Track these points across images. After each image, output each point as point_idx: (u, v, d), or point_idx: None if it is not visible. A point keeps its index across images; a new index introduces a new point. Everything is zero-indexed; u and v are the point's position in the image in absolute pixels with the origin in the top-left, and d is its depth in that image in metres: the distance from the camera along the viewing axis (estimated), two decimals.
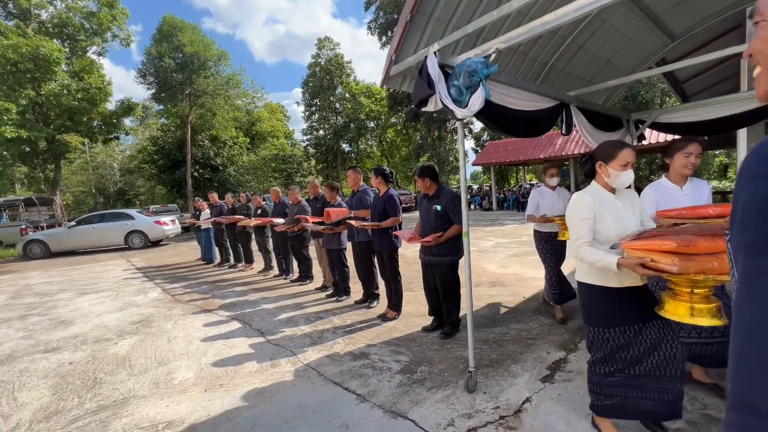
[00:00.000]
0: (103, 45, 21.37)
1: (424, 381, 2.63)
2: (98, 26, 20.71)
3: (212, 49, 23.31)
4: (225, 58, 24.14)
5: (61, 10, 20.22)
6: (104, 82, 20.06)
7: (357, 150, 34.75)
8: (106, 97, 20.35)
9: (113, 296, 5.85)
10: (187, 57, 22.30)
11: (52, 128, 18.70)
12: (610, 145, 1.82)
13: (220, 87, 23.90)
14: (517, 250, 7.68)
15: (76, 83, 18.91)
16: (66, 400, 2.68)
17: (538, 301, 4.29)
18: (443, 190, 3.35)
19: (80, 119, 19.25)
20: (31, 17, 19.50)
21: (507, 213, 17.69)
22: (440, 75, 2.27)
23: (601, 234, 1.79)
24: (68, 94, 18.32)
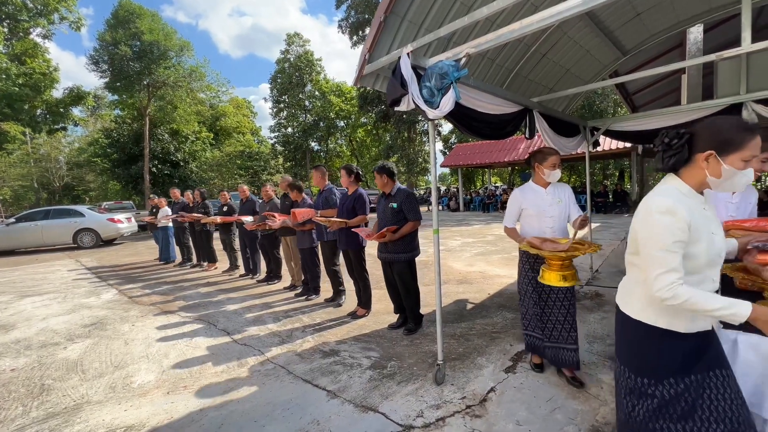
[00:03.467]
0: (48, 27, 19.72)
1: (393, 375, 2.68)
2: (43, 6, 19.08)
3: (174, 39, 22.19)
4: (188, 49, 23.06)
5: None
6: (50, 67, 18.57)
7: (326, 149, 34.43)
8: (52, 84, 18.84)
9: (61, 298, 5.43)
10: (146, 45, 21.06)
11: None
12: (734, 128, 1.19)
13: (181, 79, 22.79)
14: (482, 249, 7.96)
15: (16, 67, 17.33)
16: (8, 408, 2.47)
17: (502, 297, 4.49)
18: (399, 189, 3.45)
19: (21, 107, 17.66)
20: None
21: (473, 214, 18.24)
22: (413, 76, 2.33)
23: (691, 260, 1.23)
24: (7, 78, 16.75)
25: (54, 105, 19.44)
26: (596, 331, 3.30)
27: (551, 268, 2.18)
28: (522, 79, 4.31)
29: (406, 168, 27.80)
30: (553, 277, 2.16)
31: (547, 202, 2.45)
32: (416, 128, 26.51)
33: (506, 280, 5.30)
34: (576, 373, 2.48)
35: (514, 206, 2.57)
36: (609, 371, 2.59)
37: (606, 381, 2.46)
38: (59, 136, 26.96)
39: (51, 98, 19.09)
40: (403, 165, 28.38)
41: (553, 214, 2.45)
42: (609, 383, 2.43)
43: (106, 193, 29.70)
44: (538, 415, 2.14)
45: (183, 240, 7.60)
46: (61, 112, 20.19)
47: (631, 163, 16.92)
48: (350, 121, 34.03)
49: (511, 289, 4.81)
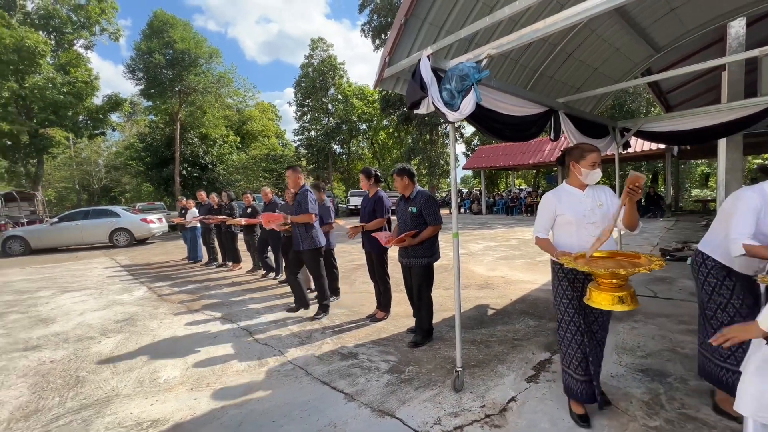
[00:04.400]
0: (90, 38, 20.97)
1: (411, 380, 2.65)
2: (86, 19, 20.31)
3: (203, 47, 23.06)
4: (216, 56, 23.91)
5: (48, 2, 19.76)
6: (91, 76, 19.67)
7: (348, 151, 34.76)
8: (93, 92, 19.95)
9: (97, 294, 5.72)
10: (178, 53, 22.01)
11: (35, 122, 18.23)
12: None
13: (210, 85, 23.65)
14: (505, 254, 7.78)
15: (61, 76, 18.49)
16: (46, 398, 2.62)
17: (525, 303, 4.36)
18: (419, 192, 3.37)
19: (65, 113, 18.80)
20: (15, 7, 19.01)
21: (496, 217, 17.89)
22: (433, 78, 2.31)
23: None
24: (53, 87, 17.90)
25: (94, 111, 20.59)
26: (626, 342, 3.15)
27: (602, 288, 1.80)
28: (547, 79, 4.19)
29: (428, 170, 27.66)
30: (606, 299, 1.77)
31: (586, 207, 2.09)
32: (438, 130, 26.33)
33: (529, 285, 5.15)
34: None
35: (546, 212, 2.17)
36: (639, 384, 2.46)
37: (636, 395, 2.34)
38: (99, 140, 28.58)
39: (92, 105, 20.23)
40: (425, 167, 28.24)
41: (595, 220, 2.08)
42: (639, 397, 2.31)
43: (140, 195, 31.16)
44: (562, 428, 2.06)
45: (209, 241, 7.85)
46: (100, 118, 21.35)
47: (666, 165, 16.10)
48: (372, 123, 34.21)
49: (534, 295, 4.67)
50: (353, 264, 7.20)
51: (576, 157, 2.12)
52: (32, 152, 19.36)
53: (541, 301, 4.42)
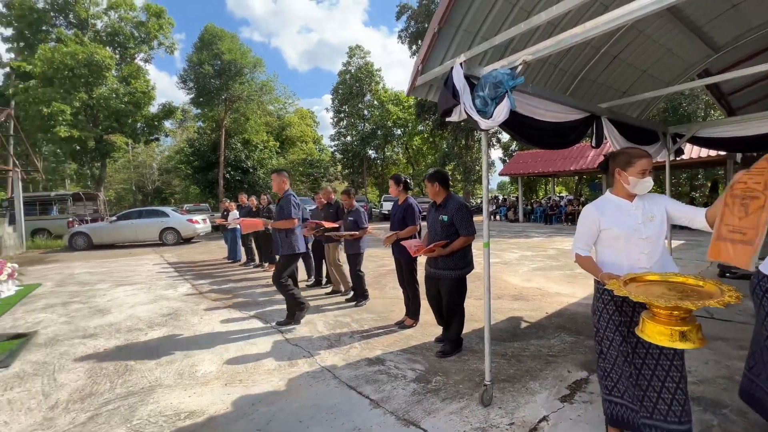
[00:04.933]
0: (149, 52, 22.83)
1: (438, 391, 2.61)
2: (146, 35, 22.13)
3: (248, 57, 24.34)
4: (260, 66, 25.14)
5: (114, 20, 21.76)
6: (149, 86, 21.36)
7: (383, 156, 35.05)
8: (150, 101, 21.65)
9: (146, 289, 6.17)
10: (225, 64, 23.39)
11: (100, 129, 20.06)
12: None
13: (254, 93, 24.88)
14: (541, 264, 7.47)
15: (123, 87, 20.24)
16: (99, 384, 2.86)
17: (562, 318, 4.16)
18: (451, 199, 3.19)
19: (125, 121, 20.55)
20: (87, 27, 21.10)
21: (533, 225, 17.24)
22: (465, 86, 2.29)
23: None
24: (116, 97, 19.63)
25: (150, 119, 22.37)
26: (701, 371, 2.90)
27: (659, 320, 1.46)
28: (589, 83, 4.00)
29: (463, 176, 27.21)
30: (663, 334, 1.44)
31: (636, 220, 1.83)
32: (474, 135, 25.87)
33: (567, 299, 4.91)
34: None
35: (588, 227, 1.92)
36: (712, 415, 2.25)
37: None
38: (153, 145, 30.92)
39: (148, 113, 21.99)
40: (460, 173, 27.82)
41: (648, 235, 1.81)
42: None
43: (187, 196, 33.27)
44: None
45: (247, 242, 8.22)
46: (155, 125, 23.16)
47: (727, 173, 14.75)
48: (407, 129, 34.30)
49: (572, 310, 4.44)
50: (384, 269, 7.22)
51: (622, 164, 1.88)
52: (97, 156, 21.30)
53: (579, 316, 4.19)
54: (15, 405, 2.57)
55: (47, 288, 6.44)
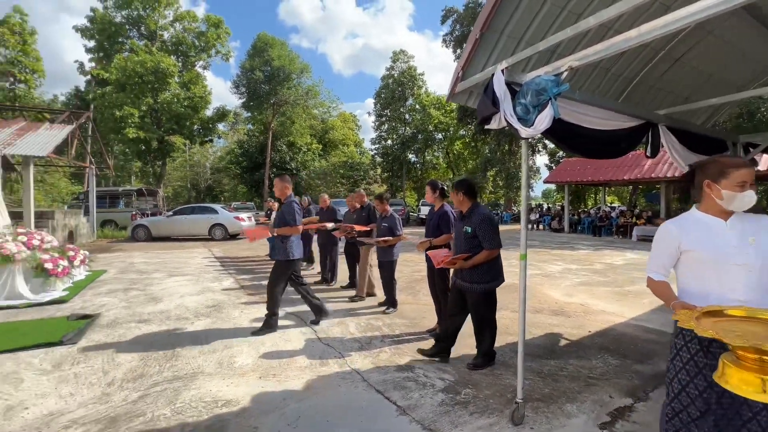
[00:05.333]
0: (207, 60, 24.54)
1: (467, 404, 2.55)
2: (205, 44, 23.83)
3: (296, 63, 25.44)
4: (307, 71, 26.17)
5: (179, 31, 23.64)
6: (206, 91, 22.97)
7: (423, 161, 34.89)
8: (206, 105, 23.27)
9: (194, 280, 6.61)
10: (274, 70, 24.61)
11: (162, 131, 21.85)
12: None
13: (300, 97, 25.93)
14: (586, 279, 7.04)
15: (184, 92, 21.93)
16: (149, 366, 3.11)
17: (606, 338, 3.89)
18: (476, 210, 3.03)
19: (184, 123, 22.23)
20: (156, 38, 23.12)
21: (580, 237, 16.29)
22: (506, 93, 2.23)
23: None
24: (177, 102, 21.31)
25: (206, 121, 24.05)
26: None
27: (744, 365, 1.17)
28: (646, 88, 3.73)
29: (505, 183, 26.40)
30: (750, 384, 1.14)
31: (730, 242, 1.52)
32: (518, 141, 24.98)
33: (613, 318, 4.59)
34: None
35: (666, 247, 1.64)
36: None
37: None
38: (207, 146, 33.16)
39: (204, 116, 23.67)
40: (502, 179, 27.02)
41: (746, 261, 1.49)
42: None
43: (235, 195, 35.25)
44: None
45: None
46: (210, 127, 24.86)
47: None
48: (448, 133, 33.91)
49: (618, 330, 4.15)
50: (419, 274, 7.18)
51: (713, 175, 1.56)
52: (159, 155, 23.22)
53: (626, 338, 3.90)
54: (80, 379, 2.87)
55: (111, 274, 7.12)
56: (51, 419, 2.33)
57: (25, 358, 3.22)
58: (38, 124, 11.56)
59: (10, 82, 24.75)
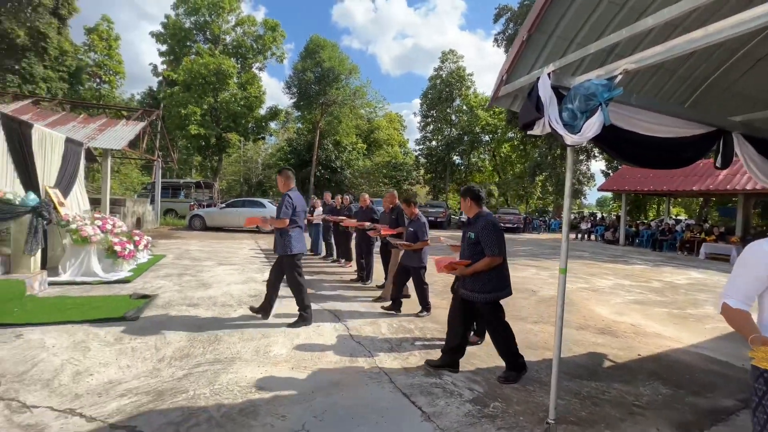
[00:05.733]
0: (263, 61, 25.89)
1: (495, 418, 2.46)
2: (262, 46, 25.16)
3: (345, 64, 26.03)
4: (355, 72, 26.67)
5: (239, 35, 25.18)
6: (260, 91, 24.25)
7: (468, 163, 34.15)
8: (260, 104, 24.57)
9: (240, 270, 7.02)
10: (325, 71, 25.39)
11: (220, 128, 23.42)
12: None
13: (347, 97, 26.51)
14: (641, 297, 6.49)
15: (241, 92, 23.33)
16: (195, 347, 3.36)
17: (658, 364, 3.56)
18: (481, 216, 2.99)
19: (240, 121, 23.66)
20: (219, 41, 24.80)
21: (637, 250, 15.03)
22: (552, 97, 2.12)
23: None
24: (235, 101, 22.72)
25: (259, 120, 25.45)
26: None
27: None
28: (719, 92, 3.36)
29: (555, 188, 25.09)
30: None
31: None
32: None
33: (669, 342, 4.19)
34: None
35: (755, 271, 1.39)
36: None
37: None
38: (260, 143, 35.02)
39: (258, 115, 25.05)
40: (552, 185, 25.71)
41: None
42: None
43: None
44: None
45: (327, 237, 8.79)
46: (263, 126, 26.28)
47: None
48: (496, 135, 32.89)
49: (673, 357, 3.78)
50: None
51: None
52: (216, 151, 24.92)
53: (681, 366, 3.55)
54: (136, 353, 3.17)
55: (169, 260, 7.77)
56: (110, 387, 2.60)
57: (93, 330, 3.63)
58: (116, 120, 12.93)
59: (97, 82, 27.90)
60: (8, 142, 5.10)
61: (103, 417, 2.25)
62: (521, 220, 22.66)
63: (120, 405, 2.38)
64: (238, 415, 2.34)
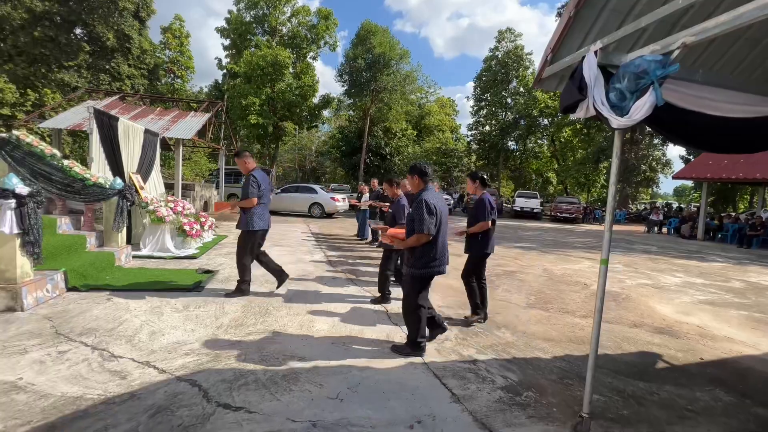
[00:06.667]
0: (317, 51, 26.50)
1: (526, 407, 2.45)
2: (315, 36, 25.71)
3: (396, 49, 25.73)
4: (406, 57, 26.28)
5: (294, 25, 25.96)
6: (314, 80, 24.93)
7: (524, 148, 32.36)
8: (314, 93, 25.29)
9: (292, 251, 7.49)
10: (376, 57, 25.34)
11: (277, 117, 24.59)
12: None
13: (398, 83, 26.28)
14: (714, 297, 5.83)
15: (296, 82, 24.19)
16: (248, 318, 3.72)
17: (723, 370, 3.24)
18: (422, 192, 3.01)
19: (295, 110, 24.60)
20: (276, 33, 25.81)
21: (719, 246, 13.35)
22: (598, 77, 1.99)
23: None
24: (290, 91, 23.64)
25: (313, 108, 26.26)
26: None
27: None
28: None
29: (622, 176, 22.90)
30: None
31: None
32: (644, 128, 21.30)
33: (741, 348, 3.77)
34: None
35: None
36: None
37: None
38: (314, 131, 36.29)
39: (312, 104, 25.85)
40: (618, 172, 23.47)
41: None
42: None
43: (335, 177, 38.00)
44: None
45: None
46: (316, 114, 27.10)
47: None
48: (555, 119, 30.65)
49: (745, 364, 3.41)
50: (501, 269, 6.88)
51: None
52: (273, 139, 26.27)
53: (753, 374, 3.19)
54: (199, 319, 3.60)
55: (230, 239, 8.50)
56: (177, 346, 3.00)
57: (167, 298, 4.16)
58: (186, 112, 14.19)
59: (172, 78, 30.66)
60: (100, 134, 5.90)
61: (171, 370, 2.62)
62: (580, 209, 21.16)
63: (185, 362, 2.75)
64: (281, 380, 2.58)
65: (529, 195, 22.94)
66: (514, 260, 8.00)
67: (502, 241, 10.96)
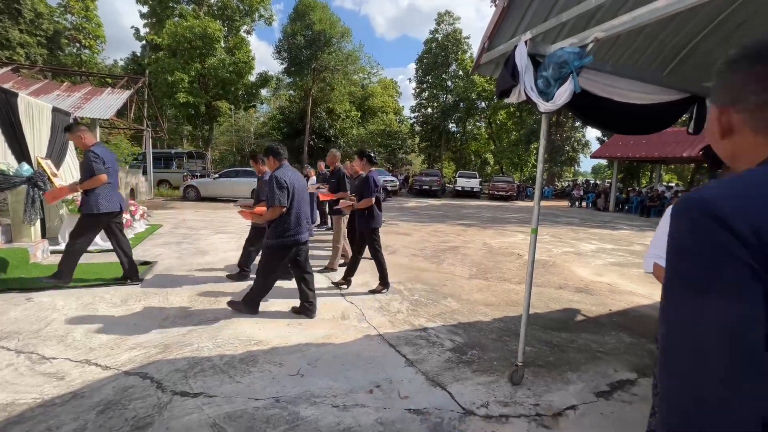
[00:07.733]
0: (251, 24, 24.74)
1: (471, 363, 2.75)
2: (249, 7, 23.93)
3: (337, 27, 24.96)
4: (347, 35, 25.64)
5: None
6: (249, 57, 23.35)
7: (464, 131, 33.75)
8: (250, 71, 23.73)
9: (236, 238, 7.20)
10: (315, 34, 24.38)
11: (209, 96, 22.76)
12: None
13: (339, 63, 25.64)
14: (620, 259, 6.81)
15: (229, 58, 22.47)
16: (196, 307, 3.59)
17: (626, 317, 3.88)
18: (274, 171, 3.38)
19: (229, 89, 22.94)
20: (203, 2, 23.52)
21: (626, 217, 15.40)
22: (528, 65, 2.21)
23: None
24: (223, 67, 21.92)
25: (250, 87, 24.69)
26: None
27: None
28: (701, 57, 3.41)
29: (549, 156, 25.07)
30: None
31: None
32: (567, 112, 23.36)
33: (639, 299, 4.51)
34: None
35: (661, 229, 1.53)
36: None
37: None
38: (251, 112, 34.21)
39: (248, 82, 24.27)
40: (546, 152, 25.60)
41: None
42: None
43: None
44: None
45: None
46: (254, 93, 25.54)
47: None
48: (492, 102, 32.29)
49: (641, 311, 4.10)
50: (446, 245, 7.31)
51: None
52: (206, 120, 24.36)
53: (648, 319, 3.86)
54: (142, 313, 3.40)
55: (166, 229, 7.92)
56: (120, 341, 2.83)
57: (99, 293, 3.83)
58: (102, 89, 12.57)
59: (77, 47, 26.67)
60: None
61: (116, 366, 2.48)
62: (514, 187, 22.84)
63: (131, 356, 2.62)
64: (239, 363, 2.59)
65: (469, 175, 24.15)
66: (457, 236, 8.53)
67: (447, 219, 11.55)
